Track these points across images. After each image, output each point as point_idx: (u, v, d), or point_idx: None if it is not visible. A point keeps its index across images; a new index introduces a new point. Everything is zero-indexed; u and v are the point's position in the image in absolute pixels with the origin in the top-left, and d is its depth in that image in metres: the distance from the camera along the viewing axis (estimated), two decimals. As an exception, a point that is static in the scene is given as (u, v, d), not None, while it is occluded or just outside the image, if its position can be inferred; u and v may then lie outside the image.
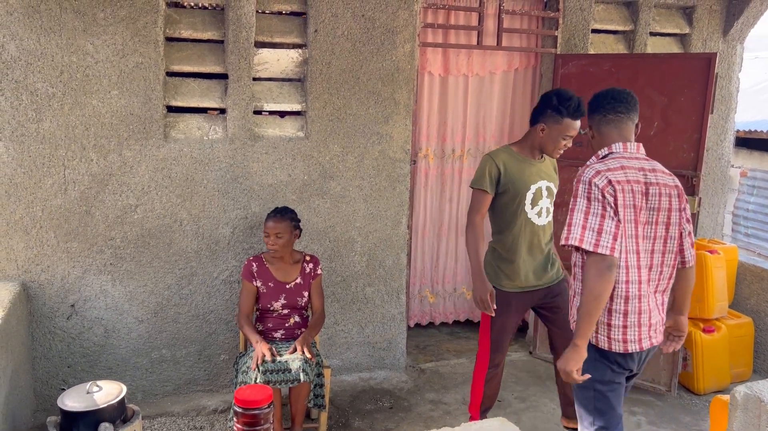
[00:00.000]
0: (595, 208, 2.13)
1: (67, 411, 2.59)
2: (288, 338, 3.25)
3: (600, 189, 2.13)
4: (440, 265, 4.59)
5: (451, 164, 4.41)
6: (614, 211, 2.12)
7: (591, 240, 2.09)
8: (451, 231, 4.54)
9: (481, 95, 4.27)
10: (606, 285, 2.09)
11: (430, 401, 3.66)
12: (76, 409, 2.59)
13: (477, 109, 4.30)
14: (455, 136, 4.33)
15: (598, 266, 2.09)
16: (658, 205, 2.21)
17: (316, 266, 3.30)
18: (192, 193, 3.41)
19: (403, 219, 3.86)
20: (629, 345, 2.21)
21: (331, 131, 3.61)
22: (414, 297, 4.57)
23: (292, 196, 3.60)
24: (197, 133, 3.41)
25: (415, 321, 4.62)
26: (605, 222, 2.10)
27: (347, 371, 3.92)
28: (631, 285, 2.18)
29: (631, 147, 2.28)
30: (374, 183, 3.75)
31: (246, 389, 1.75)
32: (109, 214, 3.28)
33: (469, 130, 4.31)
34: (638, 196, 2.17)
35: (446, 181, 4.44)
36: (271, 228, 3.14)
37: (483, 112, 4.30)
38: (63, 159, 3.17)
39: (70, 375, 3.34)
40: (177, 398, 3.53)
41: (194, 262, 3.48)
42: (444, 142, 4.36)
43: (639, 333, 2.22)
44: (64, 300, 3.28)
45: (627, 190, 2.14)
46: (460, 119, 4.29)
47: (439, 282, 4.63)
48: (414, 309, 4.60)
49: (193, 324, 3.53)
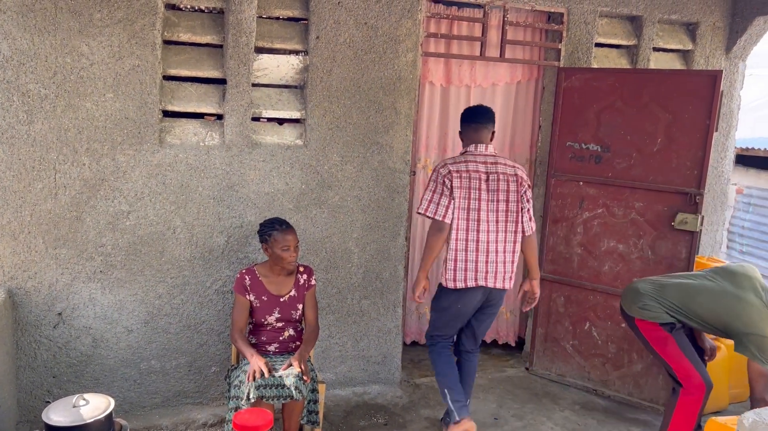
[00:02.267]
0: (437, 188, 3.10)
1: (52, 426, 2.49)
2: (282, 352, 3.16)
3: (442, 176, 3.10)
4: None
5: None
6: (450, 191, 3.06)
7: (431, 210, 3.09)
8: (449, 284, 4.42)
9: (482, 106, 4.22)
10: (437, 240, 3.10)
11: (426, 418, 3.58)
12: (62, 424, 2.49)
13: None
14: (456, 147, 4.26)
15: (433, 227, 3.11)
16: (497, 187, 3.11)
17: (310, 277, 3.22)
18: (186, 200, 3.32)
19: (401, 231, 3.79)
20: (457, 283, 3.15)
21: (330, 140, 3.54)
22: (411, 313, 4.48)
23: (289, 205, 3.52)
24: (193, 138, 3.32)
25: (411, 338, 4.52)
26: (441, 198, 3.08)
27: (341, 385, 3.84)
28: (459, 243, 3.12)
29: (480, 148, 3.18)
30: (373, 193, 3.68)
31: (245, 413, 1.66)
32: (100, 220, 3.19)
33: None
34: (475, 181, 3.09)
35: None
36: (292, 241, 3.05)
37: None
38: (54, 162, 3.07)
39: (55, 385, 3.24)
40: (165, 411, 3.43)
41: (187, 271, 3.38)
42: (444, 153, 4.29)
43: (465, 276, 3.13)
44: (51, 309, 3.18)
45: (465, 177, 3.08)
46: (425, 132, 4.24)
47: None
48: (411, 326, 4.50)
49: (184, 335, 3.43)
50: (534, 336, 4.20)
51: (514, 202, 3.14)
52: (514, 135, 4.28)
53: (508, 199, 3.13)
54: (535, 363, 4.21)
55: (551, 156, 4.01)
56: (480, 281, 3.15)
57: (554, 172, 4.00)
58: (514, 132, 4.28)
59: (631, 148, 3.73)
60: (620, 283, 3.80)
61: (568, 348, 4.06)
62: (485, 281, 3.15)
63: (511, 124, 4.26)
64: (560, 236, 4.01)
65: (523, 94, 4.26)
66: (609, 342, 3.90)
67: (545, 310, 4.11)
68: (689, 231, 3.62)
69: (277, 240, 3.05)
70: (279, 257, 3.06)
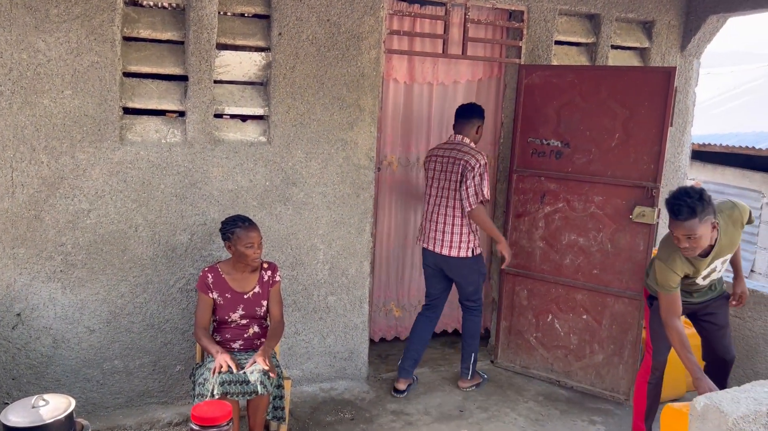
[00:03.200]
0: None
1: (10, 427, 2.45)
2: (247, 349, 3.16)
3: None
4: (405, 277, 4.55)
5: (416, 172, 4.39)
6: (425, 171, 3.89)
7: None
8: (416, 243, 4.51)
9: (445, 103, 4.27)
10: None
11: (392, 412, 3.61)
12: (20, 425, 2.45)
13: (441, 117, 4.29)
14: (419, 144, 4.31)
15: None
16: (444, 168, 3.71)
17: (274, 273, 3.22)
18: (148, 198, 3.29)
19: (367, 227, 3.82)
20: (420, 243, 3.89)
21: (294, 136, 3.54)
22: (379, 310, 4.51)
23: (253, 202, 3.52)
24: (155, 135, 3.30)
25: (380, 335, 4.56)
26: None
27: (308, 382, 3.84)
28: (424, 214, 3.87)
29: (452, 137, 3.79)
30: (338, 190, 3.70)
31: (203, 406, 1.67)
32: (60, 218, 3.14)
33: (433, 139, 4.30)
34: (436, 164, 3.76)
35: (411, 189, 4.41)
36: (255, 239, 3.04)
37: (447, 121, 4.29)
38: (11, 160, 3.02)
39: (14, 387, 3.18)
40: (130, 411, 3.39)
41: (150, 269, 3.35)
42: (408, 150, 4.34)
43: (421, 238, 3.88)
44: (9, 309, 3.12)
45: (432, 160, 3.81)
46: (425, 128, 4.28)
47: (405, 295, 4.58)
48: (379, 322, 4.54)
49: (147, 334, 3.40)
50: (498, 329, 4.26)
51: (455, 182, 3.66)
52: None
53: (450, 179, 3.68)
54: (499, 355, 4.27)
55: (513, 152, 4.08)
56: (427, 244, 3.83)
57: (516, 167, 4.07)
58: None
59: (590, 143, 3.82)
60: (581, 276, 3.89)
61: (531, 340, 4.13)
62: (429, 245, 3.80)
63: None
64: (522, 230, 4.08)
65: (484, 92, 4.32)
66: (571, 334, 3.99)
67: (509, 303, 4.18)
68: (647, 224, 3.72)
69: (240, 237, 3.05)
70: (242, 254, 3.05)
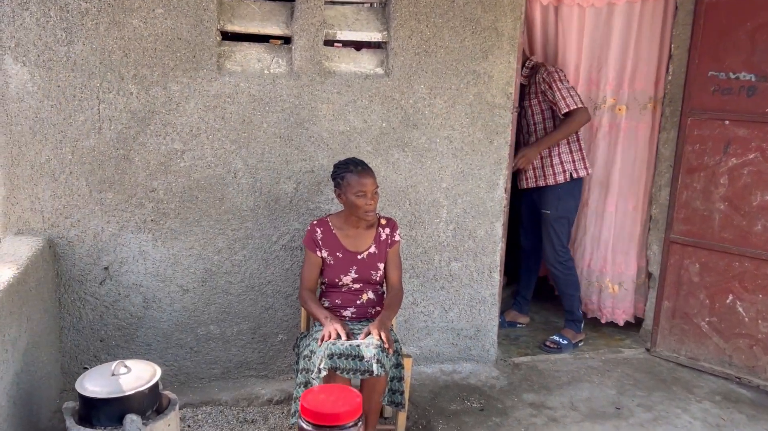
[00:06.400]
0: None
1: (87, 397, 2.06)
2: (360, 317, 2.63)
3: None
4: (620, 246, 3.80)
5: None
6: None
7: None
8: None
9: (597, 31, 3.48)
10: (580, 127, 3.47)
11: (530, 404, 2.96)
12: (97, 395, 2.05)
13: (592, 48, 3.51)
14: (580, 77, 3.55)
15: (585, 114, 3.37)
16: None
17: (393, 231, 2.66)
18: (249, 139, 2.82)
19: (500, 181, 3.16)
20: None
21: (416, 68, 2.94)
22: (590, 284, 3.82)
23: (367, 146, 2.96)
24: (257, 65, 2.81)
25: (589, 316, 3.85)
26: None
27: (426, 361, 3.28)
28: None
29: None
30: (467, 134, 3.07)
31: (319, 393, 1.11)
32: (150, 159, 2.73)
33: (582, 74, 3.53)
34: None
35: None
36: (369, 186, 2.51)
37: (599, 53, 3.51)
38: (97, 91, 2.63)
39: (102, 350, 2.83)
40: (226, 384, 2.97)
41: (250, 223, 2.89)
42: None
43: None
44: (96, 262, 2.76)
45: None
46: (573, 59, 3.51)
47: (621, 268, 3.80)
48: (592, 300, 3.86)
49: (246, 297, 2.96)
50: (658, 310, 3.48)
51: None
52: (636, 68, 3.51)
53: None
54: (658, 343, 3.49)
55: (686, 90, 3.26)
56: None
57: (690, 110, 3.25)
58: (636, 64, 3.50)
59: (796, 75, 2.94)
60: (777, 246, 3.04)
61: (703, 326, 3.33)
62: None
63: (632, 54, 3.48)
64: (697, 189, 3.26)
65: (648, 16, 3.44)
66: (759, 320, 3.14)
67: (674, 280, 3.39)
68: None
69: (350, 184, 2.51)
70: (353, 205, 2.51)
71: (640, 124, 3.56)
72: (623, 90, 3.52)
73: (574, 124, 3.34)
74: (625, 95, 3.52)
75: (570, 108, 3.28)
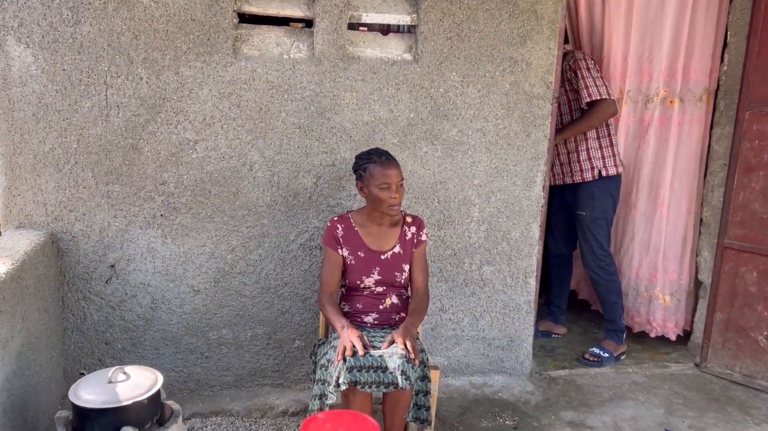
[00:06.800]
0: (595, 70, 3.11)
1: (80, 407, 1.86)
2: (383, 324, 2.40)
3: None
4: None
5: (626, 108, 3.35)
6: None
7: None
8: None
9: (647, 18, 3.20)
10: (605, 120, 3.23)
11: (569, 423, 2.70)
12: (91, 405, 1.85)
13: (642, 36, 3.22)
14: (613, 69, 3.27)
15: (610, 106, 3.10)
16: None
17: (419, 230, 2.44)
18: (266, 129, 2.62)
19: (538, 178, 2.91)
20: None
21: (448, 53, 2.71)
22: (639, 295, 3.52)
23: (393, 139, 2.74)
24: (276, 50, 2.61)
25: (638, 328, 3.55)
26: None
27: (454, 373, 3.04)
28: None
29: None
30: (502, 126, 2.83)
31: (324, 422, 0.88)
32: (160, 150, 2.54)
33: (631, 64, 3.25)
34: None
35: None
36: (393, 178, 2.28)
37: (650, 42, 3.23)
38: (105, 75, 2.45)
39: (107, 354, 2.65)
40: (238, 392, 2.77)
41: (266, 219, 2.69)
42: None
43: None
44: (102, 259, 2.58)
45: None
46: (621, 48, 3.23)
47: (675, 276, 3.49)
48: (639, 312, 3.54)
49: (261, 299, 2.75)
50: (710, 323, 3.18)
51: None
52: (689, 57, 3.22)
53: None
54: (709, 358, 3.20)
55: (744, 82, 2.98)
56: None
57: (749, 103, 2.96)
58: (689, 53, 3.22)
59: None
60: None
61: (761, 340, 3.02)
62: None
63: (686, 42, 3.20)
64: (755, 190, 2.96)
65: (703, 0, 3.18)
66: (826, 335, 2.84)
67: (728, 289, 3.09)
68: None
69: (373, 175, 2.29)
70: (376, 199, 2.29)
71: (694, 118, 3.27)
72: (676, 81, 3.23)
73: (596, 117, 3.07)
74: (678, 86, 3.23)
75: (592, 98, 3.01)
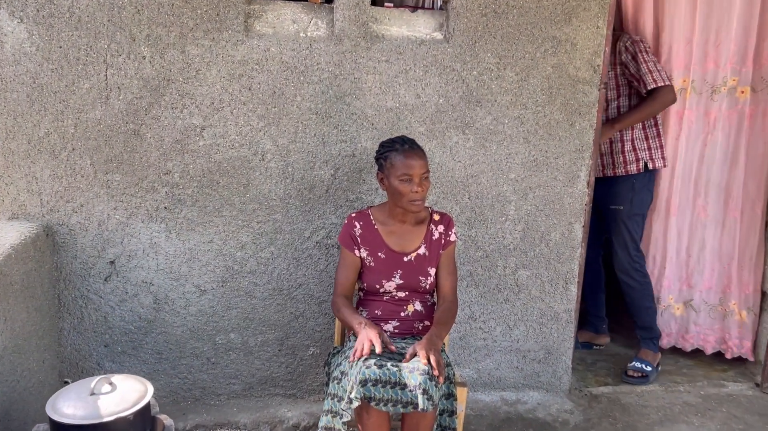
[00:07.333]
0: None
1: (57, 422, 1.65)
2: (404, 333, 2.14)
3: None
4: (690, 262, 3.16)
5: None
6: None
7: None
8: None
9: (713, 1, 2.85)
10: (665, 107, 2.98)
11: (614, 448, 2.40)
12: (69, 420, 1.64)
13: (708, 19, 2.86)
14: (675, 56, 2.92)
15: (671, 93, 2.84)
16: None
17: (448, 229, 2.16)
18: (280, 115, 2.38)
19: (582, 172, 2.61)
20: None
21: (482, 32, 2.43)
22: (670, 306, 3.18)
23: (420, 127, 2.47)
24: (291, 27, 2.37)
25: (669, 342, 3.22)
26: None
27: (484, 387, 2.75)
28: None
29: None
30: (542, 114, 2.53)
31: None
32: (164, 136, 2.33)
33: (696, 49, 2.90)
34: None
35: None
36: (417, 169, 2.02)
37: (716, 25, 2.86)
38: (105, 53, 2.24)
39: (106, 357, 2.45)
40: (246, 402, 2.54)
41: (279, 214, 2.45)
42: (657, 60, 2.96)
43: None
44: (101, 255, 2.38)
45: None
46: (685, 33, 2.88)
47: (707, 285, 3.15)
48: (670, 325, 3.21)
49: (273, 302, 2.52)
50: (775, 339, 2.84)
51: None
52: (762, 40, 2.85)
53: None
54: (773, 378, 2.85)
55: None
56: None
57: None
58: (761, 37, 2.86)
59: None
60: None
61: (836, 360, 2.67)
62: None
63: (758, 24, 2.83)
64: None
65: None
66: None
67: (798, 301, 2.74)
68: None
69: (394, 165, 2.03)
70: (397, 192, 2.03)
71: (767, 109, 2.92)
72: (747, 68, 2.87)
73: (658, 104, 2.79)
74: (750, 74, 2.88)
75: (657, 84, 2.72)
